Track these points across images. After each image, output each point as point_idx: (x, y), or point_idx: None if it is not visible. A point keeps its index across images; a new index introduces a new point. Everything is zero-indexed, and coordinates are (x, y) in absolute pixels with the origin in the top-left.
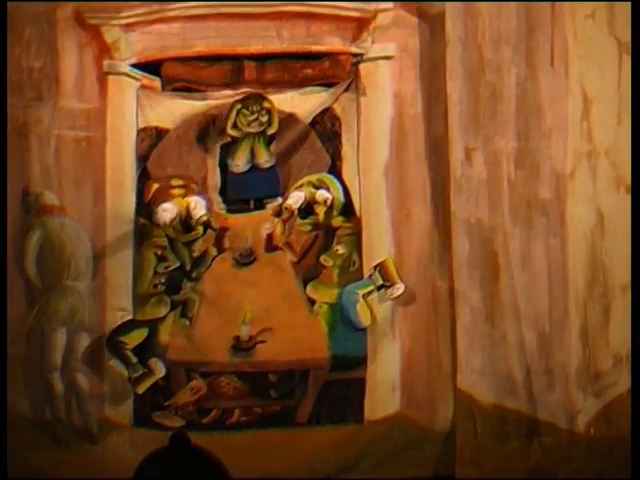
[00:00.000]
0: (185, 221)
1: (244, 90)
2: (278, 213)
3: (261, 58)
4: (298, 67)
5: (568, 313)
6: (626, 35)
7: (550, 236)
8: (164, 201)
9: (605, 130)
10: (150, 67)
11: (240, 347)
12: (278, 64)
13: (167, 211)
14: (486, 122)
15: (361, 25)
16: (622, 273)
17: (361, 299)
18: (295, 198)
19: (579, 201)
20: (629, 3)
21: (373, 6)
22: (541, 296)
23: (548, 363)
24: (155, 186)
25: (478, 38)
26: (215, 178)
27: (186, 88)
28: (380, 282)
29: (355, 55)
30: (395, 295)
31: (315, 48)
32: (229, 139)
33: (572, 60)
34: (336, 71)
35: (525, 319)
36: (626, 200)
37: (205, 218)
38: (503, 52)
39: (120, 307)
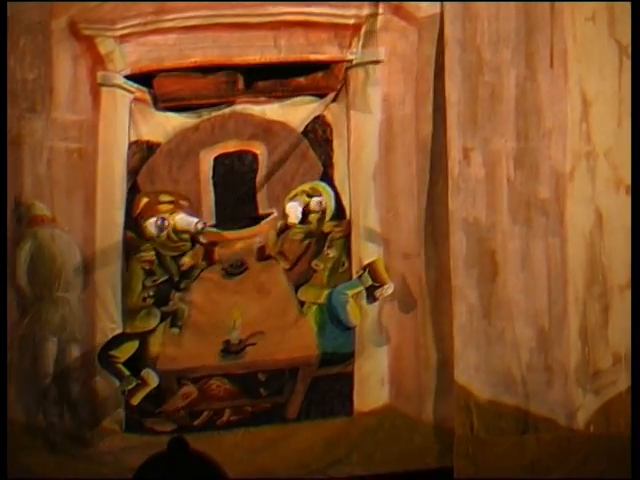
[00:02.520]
0: (171, 237)
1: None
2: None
3: (256, 69)
4: (291, 78)
5: (567, 312)
6: (626, 38)
7: (549, 236)
8: (152, 216)
9: (604, 132)
10: (144, 79)
11: (230, 350)
12: (272, 75)
13: (155, 225)
14: (484, 123)
15: (355, 32)
16: (621, 273)
17: (350, 299)
18: (293, 210)
19: (578, 201)
20: (629, 5)
21: (365, 10)
22: (540, 295)
23: (547, 360)
24: (144, 200)
25: (477, 40)
26: (208, 193)
27: (178, 106)
28: (369, 282)
29: (346, 61)
30: (385, 295)
31: (313, 57)
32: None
33: (571, 62)
34: (329, 82)
35: (524, 317)
36: (625, 201)
37: (192, 232)
38: (502, 54)
39: (109, 320)
